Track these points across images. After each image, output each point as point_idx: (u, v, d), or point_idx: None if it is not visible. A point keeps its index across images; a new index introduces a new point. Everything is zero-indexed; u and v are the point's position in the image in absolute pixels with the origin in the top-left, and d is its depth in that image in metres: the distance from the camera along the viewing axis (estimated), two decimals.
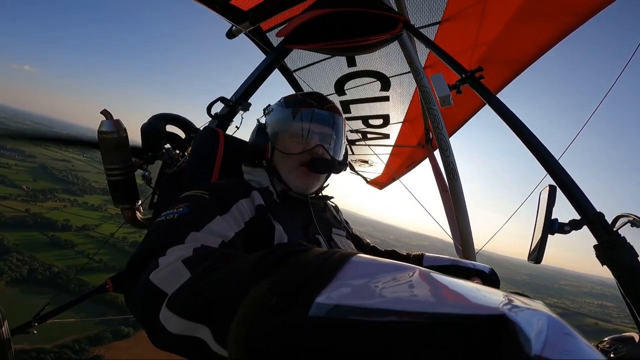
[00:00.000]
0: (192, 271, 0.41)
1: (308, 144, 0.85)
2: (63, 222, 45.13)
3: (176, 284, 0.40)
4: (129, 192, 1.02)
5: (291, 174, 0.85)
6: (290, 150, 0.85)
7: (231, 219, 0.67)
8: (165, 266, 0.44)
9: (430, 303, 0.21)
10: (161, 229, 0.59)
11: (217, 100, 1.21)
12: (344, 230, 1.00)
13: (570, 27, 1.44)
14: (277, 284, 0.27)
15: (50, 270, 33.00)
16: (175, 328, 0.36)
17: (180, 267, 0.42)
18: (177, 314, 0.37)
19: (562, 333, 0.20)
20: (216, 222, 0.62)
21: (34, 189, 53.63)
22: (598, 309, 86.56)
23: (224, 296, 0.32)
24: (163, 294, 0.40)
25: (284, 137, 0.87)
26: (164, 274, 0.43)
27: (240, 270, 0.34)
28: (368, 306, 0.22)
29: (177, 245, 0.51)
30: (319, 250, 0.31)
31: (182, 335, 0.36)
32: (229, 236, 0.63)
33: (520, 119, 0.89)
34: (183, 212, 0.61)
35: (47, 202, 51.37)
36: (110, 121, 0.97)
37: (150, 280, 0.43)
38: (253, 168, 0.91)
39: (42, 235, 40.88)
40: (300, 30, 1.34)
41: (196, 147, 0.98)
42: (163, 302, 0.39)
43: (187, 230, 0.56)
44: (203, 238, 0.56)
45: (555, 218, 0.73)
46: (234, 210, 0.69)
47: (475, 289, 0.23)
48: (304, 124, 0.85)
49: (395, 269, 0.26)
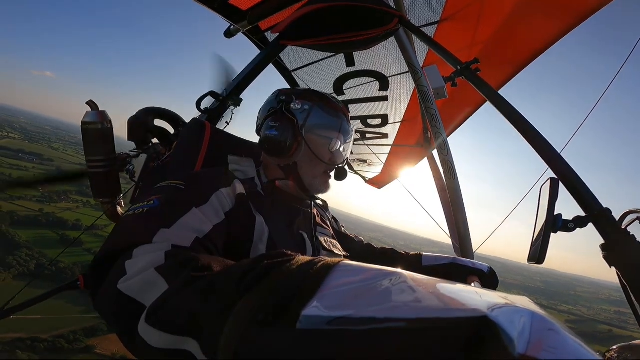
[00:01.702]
0: (168, 280, 0.39)
1: (340, 156, 0.89)
2: (74, 221, 46.71)
3: (152, 294, 0.38)
4: (110, 186, 0.99)
5: (316, 179, 0.86)
6: (324, 158, 0.85)
7: (210, 210, 0.63)
8: (136, 274, 0.42)
9: (411, 308, 0.21)
10: (128, 224, 0.55)
11: (208, 95, 1.18)
12: (329, 228, 0.96)
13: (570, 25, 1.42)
14: (262, 298, 0.27)
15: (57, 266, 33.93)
16: (159, 343, 0.35)
17: (153, 276, 0.40)
18: (160, 329, 0.35)
19: (546, 329, 0.19)
20: (191, 214, 0.58)
21: (50, 191, 55.44)
22: (615, 315, 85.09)
23: (209, 310, 0.32)
24: (139, 305, 0.38)
25: (322, 143, 0.86)
26: (136, 283, 0.41)
27: (225, 283, 0.33)
28: (352, 315, 0.22)
29: (144, 246, 0.47)
30: (302, 260, 0.30)
31: (166, 349, 0.35)
32: (205, 230, 0.58)
33: (519, 111, 0.85)
34: (153, 205, 0.57)
35: (61, 203, 53.43)
36: (95, 112, 0.95)
37: (119, 289, 0.41)
38: (240, 158, 0.88)
39: (53, 233, 42.33)
40: (295, 27, 1.33)
41: (181, 139, 0.95)
42: (140, 315, 0.37)
43: (156, 227, 0.52)
44: (174, 235, 0.52)
45: (559, 214, 0.67)
46: (214, 200, 0.65)
47: (460, 291, 0.23)
48: (342, 136, 0.89)
49: (378, 275, 0.26)
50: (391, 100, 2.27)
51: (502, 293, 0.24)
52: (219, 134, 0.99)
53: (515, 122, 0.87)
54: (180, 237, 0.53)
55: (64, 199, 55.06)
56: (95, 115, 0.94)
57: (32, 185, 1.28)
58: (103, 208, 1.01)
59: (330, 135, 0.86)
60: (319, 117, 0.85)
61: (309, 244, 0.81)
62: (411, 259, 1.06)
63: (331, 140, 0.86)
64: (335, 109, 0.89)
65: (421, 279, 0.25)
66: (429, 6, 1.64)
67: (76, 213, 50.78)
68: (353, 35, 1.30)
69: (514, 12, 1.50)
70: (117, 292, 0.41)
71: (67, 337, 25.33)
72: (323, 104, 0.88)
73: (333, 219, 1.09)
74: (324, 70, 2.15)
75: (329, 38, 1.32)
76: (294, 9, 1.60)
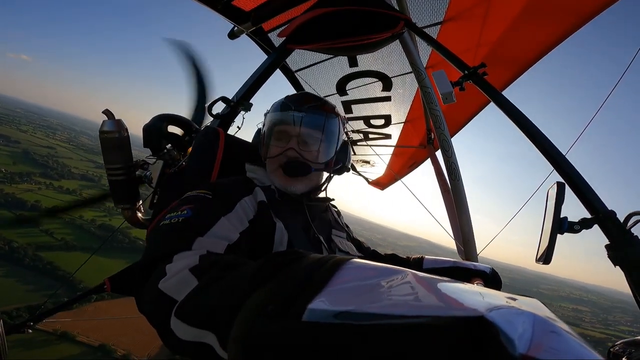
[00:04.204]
0: (199, 279, 0.42)
1: (283, 146, 0.85)
2: (33, 202, 46.40)
3: (184, 292, 0.41)
4: (129, 192, 1.01)
5: (272, 174, 0.86)
6: (271, 153, 0.86)
7: (235, 219, 0.67)
8: (174, 275, 0.45)
9: (411, 306, 0.22)
10: (167, 233, 0.58)
11: (219, 100, 1.20)
12: (344, 232, 0.99)
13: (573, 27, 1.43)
14: (272, 292, 0.29)
15: (10, 245, 34.56)
16: (185, 335, 0.38)
17: (187, 276, 0.44)
18: (185, 322, 0.38)
19: (549, 331, 0.20)
20: (221, 224, 0.62)
21: (12, 172, 55.21)
22: (571, 313, 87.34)
23: (226, 304, 0.34)
24: (173, 302, 0.42)
25: (268, 140, 0.89)
26: (173, 282, 0.44)
27: (240, 279, 0.36)
28: (354, 310, 0.23)
29: (183, 252, 0.51)
30: (315, 257, 0.32)
31: (191, 342, 0.38)
32: (234, 238, 0.62)
33: (525, 114, 0.87)
34: (187, 215, 0.60)
35: (23, 185, 53.22)
36: (112, 121, 0.97)
37: (160, 288, 0.44)
38: (256, 167, 0.91)
39: (9, 213, 42.10)
40: (302, 30, 1.34)
41: (196, 146, 0.97)
42: (172, 310, 0.41)
43: (193, 235, 0.56)
44: (209, 243, 0.56)
45: (565, 217, 0.70)
46: (238, 209, 0.69)
47: (462, 291, 0.24)
48: (280, 126, 0.86)
49: (384, 272, 0.27)
50: (394, 101, 2.28)
51: (509, 294, 0.25)
52: (232, 140, 1.01)
53: (521, 125, 0.89)
54: (214, 244, 0.57)
55: (27, 180, 54.75)
56: (112, 124, 0.96)
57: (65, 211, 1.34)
58: (123, 214, 1.03)
59: (269, 129, 0.88)
60: (268, 115, 0.90)
61: (325, 247, 0.83)
62: (412, 262, 1.08)
63: (270, 132, 0.88)
64: (277, 102, 0.91)
65: (425, 277, 0.26)
66: (432, 7, 1.65)
67: (37, 194, 50.42)
68: (359, 38, 1.31)
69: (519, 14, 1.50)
70: (158, 291, 0.44)
71: (10, 313, 25.38)
72: (279, 102, 0.91)
73: (346, 226, 1.11)
74: (327, 70, 2.16)
75: (335, 42, 1.33)
76: (297, 10, 1.61)
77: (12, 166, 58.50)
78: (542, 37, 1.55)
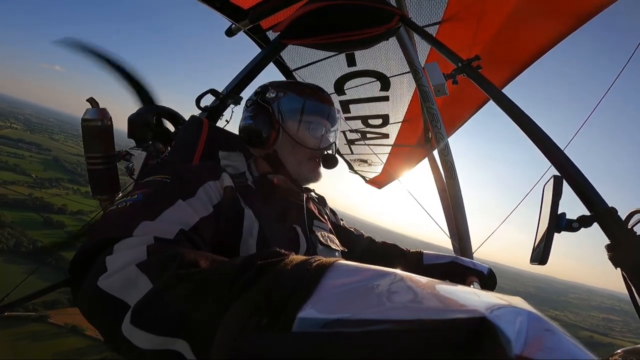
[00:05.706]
0: (151, 278, 0.38)
1: (326, 140, 0.86)
2: (61, 206, 48.63)
3: (135, 292, 0.37)
4: (109, 183, 0.99)
5: (301, 165, 0.84)
6: (307, 144, 0.83)
7: (197, 203, 0.62)
8: (117, 271, 0.40)
9: (410, 309, 0.21)
10: (110, 219, 0.54)
11: (207, 93, 1.18)
12: (327, 223, 0.95)
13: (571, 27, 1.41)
14: (257, 301, 0.27)
15: (34, 245, 36.19)
16: (146, 344, 0.34)
17: (135, 273, 0.39)
18: (147, 330, 0.34)
19: (543, 329, 0.19)
20: (177, 207, 0.57)
21: (42, 177, 57.95)
22: (601, 322, 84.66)
23: (203, 312, 0.31)
24: (122, 305, 0.37)
25: (302, 127, 0.84)
26: (117, 280, 0.39)
27: (217, 284, 0.32)
28: (348, 317, 0.22)
29: (124, 240, 0.46)
30: (297, 259, 0.30)
31: (155, 350, 0.34)
32: (191, 222, 0.57)
33: (521, 108, 0.84)
34: (137, 199, 0.56)
35: (52, 189, 55.57)
36: (96, 109, 0.95)
37: (99, 286, 0.39)
38: (230, 152, 0.87)
39: (38, 215, 44.24)
40: (296, 25, 1.33)
41: (179, 136, 0.95)
42: (124, 315, 0.36)
43: (138, 220, 0.50)
44: (156, 228, 0.51)
45: (563, 213, 0.65)
46: (201, 193, 0.64)
47: (458, 292, 0.23)
48: (324, 120, 0.87)
49: (375, 275, 0.25)
50: (392, 100, 2.26)
51: (498, 294, 0.24)
52: (216, 131, 0.99)
53: (517, 119, 0.86)
54: (163, 230, 0.51)
55: (55, 185, 57.11)
56: (96, 112, 0.94)
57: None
58: (101, 205, 1.01)
59: (309, 119, 0.84)
60: (294, 101, 0.84)
61: (303, 239, 0.79)
62: (412, 256, 1.05)
63: (311, 123, 0.84)
64: (313, 92, 0.88)
65: (418, 279, 0.24)
66: (430, 6, 1.63)
67: (64, 199, 52.57)
68: (354, 33, 1.29)
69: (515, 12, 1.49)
70: (97, 289, 0.39)
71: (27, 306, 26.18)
72: (299, 89, 0.87)
73: (331, 212, 1.08)
74: (325, 69, 2.15)
75: (329, 37, 1.32)
76: (295, 8, 1.61)
77: (43, 172, 61.31)
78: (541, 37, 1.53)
